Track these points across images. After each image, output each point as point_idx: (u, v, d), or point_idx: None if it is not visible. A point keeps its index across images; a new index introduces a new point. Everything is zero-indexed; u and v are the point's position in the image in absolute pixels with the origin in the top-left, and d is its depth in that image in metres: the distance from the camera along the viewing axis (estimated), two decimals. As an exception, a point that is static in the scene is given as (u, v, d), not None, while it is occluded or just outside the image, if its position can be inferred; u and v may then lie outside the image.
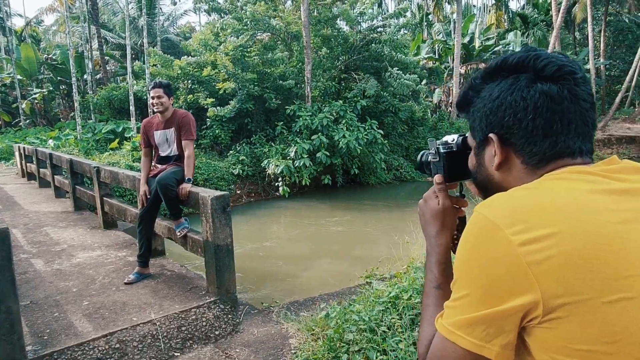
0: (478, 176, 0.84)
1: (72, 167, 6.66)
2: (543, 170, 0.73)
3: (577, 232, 0.60)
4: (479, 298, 0.64)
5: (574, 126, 0.72)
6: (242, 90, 14.23)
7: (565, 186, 0.67)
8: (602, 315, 0.58)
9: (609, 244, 0.60)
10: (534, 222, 0.62)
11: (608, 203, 0.64)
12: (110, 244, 5.09)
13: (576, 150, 0.73)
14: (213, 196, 3.40)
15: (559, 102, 0.71)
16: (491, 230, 0.64)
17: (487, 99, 0.77)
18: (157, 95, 3.84)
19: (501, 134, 0.76)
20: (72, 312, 3.27)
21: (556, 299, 0.59)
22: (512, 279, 0.61)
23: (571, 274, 0.59)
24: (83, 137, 15.66)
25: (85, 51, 23.67)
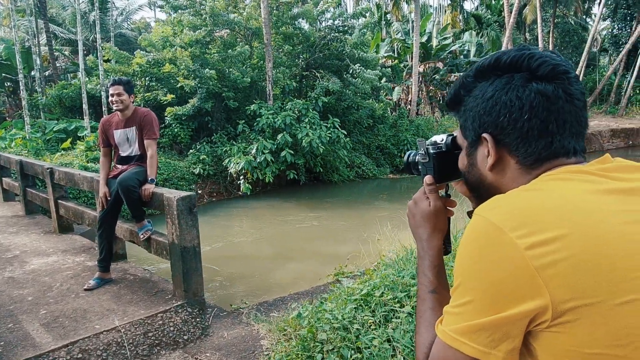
0: (469, 177, 0.83)
1: (22, 169, 6.30)
2: (538, 171, 0.73)
3: (583, 234, 0.59)
4: (484, 304, 0.62)
5: (568, 126, 0.72)
6: (202, 88, 13.94)
7: (567, 187, 0.66)
8: (612, 318, 0.57)
9: (616, 246, 0.59)
10: (539, 225, 0.61)
11: (611, 203, 0.63)
12: (66, 248, 4.85)
13: (570, 149, 0.73)
14: (179, 197, 3.30)
15: (555, 101, 0.70)
16: (495, 234, 0.62)
17: (481, 98, 0.76)
18: (116, 92, 3.68)
19: (495, 134, 0.74)
20: (29, 322, 3.08)
21: (566, 302, 0.58)
22: (520, 283, 0.60)
23: (580, 277, 0.58)
24: (32, 137, 14.87)
25: (33, 46, 22.46)
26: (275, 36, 15.66)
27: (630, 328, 0.57)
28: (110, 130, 3.78)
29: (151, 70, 14.90)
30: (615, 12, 25.60)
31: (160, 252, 3.65)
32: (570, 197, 0.64)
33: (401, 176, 17.50)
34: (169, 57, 14.97)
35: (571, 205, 0.62)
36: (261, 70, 15.26)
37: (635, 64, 22.73)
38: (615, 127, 21.18)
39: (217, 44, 15.52)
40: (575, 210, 0.62)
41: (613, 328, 0.57)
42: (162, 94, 14.66)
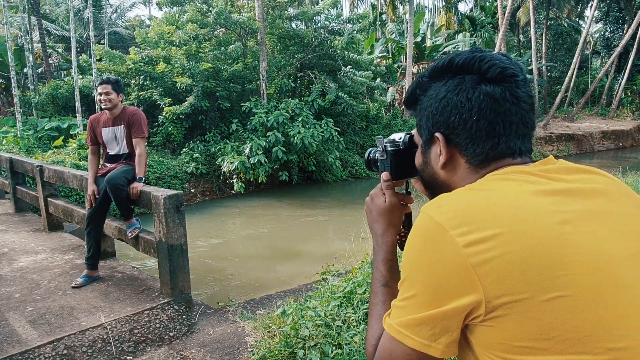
0: (424, 174, 0.85)
1: (12, 167, 6.30)
2: (485, 170, 0.75)
3: (518, 233, 0.62)
4: (426, 298, 0.65)
5: (514, 127, 0.74)
6: (197, 86, 13.93)
7: (508, 187, 0.68)
8: (539, 313, 0.60)
9: (548, 245, 0.61)
10: (478, 224, 0.63)
11: (547, 204, 0.65)
12: (55, 246, 4.87)
13: (516, 150, 0.75)
14: (166, 195, 3.34)
15: (502, 103, 0.72)
16: (437, 231, 0.65)
17: (434, 98, 0.78)
18: (105, 91, 3.70)
19: (447, 133, 0.77)
20: (15, 319, 3.11)
21: (497, 298, 0.61)
22: (457, 279, 0.63)
23: (512, 274, 0.60)
24: (24, 135, 14.81)
25: (26, 43, 22.34)
26: (270, 36, 15.69)
27: (554, 323, 0.60)
28: (99, 129, 3.80)
29: (145, 68, 14.88)
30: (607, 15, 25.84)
31: (148, 250, 3.68)
32: (509, 197, 0.66)
33: (394, 176, 17.57)
34: (162, 56, 14.95)
35: (509, 205, 0.65)
36: (256, 70, 15.27)
37: (626, 66, 22.94)
38: (605, 128, 21.37)
39: (212, 42, 15.52)
40: (512, 209, 0.64)
41: (539, 323, 0.60)
42: (157, 93, 14.63)
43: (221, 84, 14.51)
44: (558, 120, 23.44)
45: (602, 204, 0.68)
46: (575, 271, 0.61)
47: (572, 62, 22.60)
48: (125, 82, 15.48)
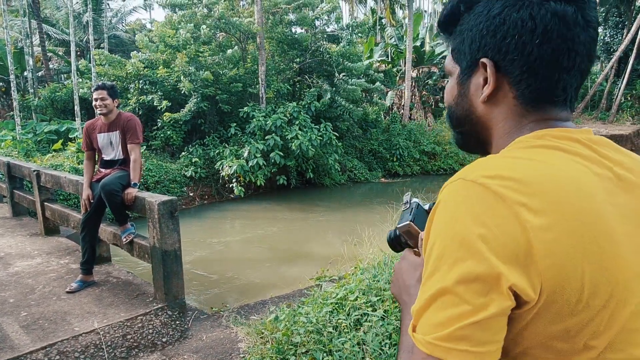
0: (457, 109, 0.72)
1: (10, 171, 6.31)
2: (532, 117, 0.65)
3: (580, 228, 0.54)
4: None
5: (579, 60, 0.63)
6: (197, 91, 13.98)
7: (564, 163, 0.59)
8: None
9: (603, 249, 0.55)
10: (545, 202, 0.54)
11: (602, 192, 0.58)
12: (51, 251, 4.88)
13: (570, 94, 0.65)
14: (160, 201, 3.35)
15: (572, 27, 0.61)
16: (495, 200, 0.54)
17: (485, 16, 0.64)
18: (100, 97, 3.72)
19: (497, 59, 0.64)
20: (8, 324, 3.11)
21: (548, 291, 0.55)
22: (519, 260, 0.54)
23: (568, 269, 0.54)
24: (23, 138, 14.84)
25: (26, 47, 22.41)
26: (270, 41, 15.74)
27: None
28: (94, 134, 3.82)
29: (145, 72, 14.92)
30: (607, 20, 25.90)
31: (142, 256, 3.68)
32: (568, 177, 0.57)
33: (393, 180, 17.59)
34: (163, 59, 15.00)
35: (569, 188, 0.56)
36: (255, 74, 15.32)
37: (625, 71, 22.99)
38: (605, 133, 21.39)
39: (212, 46, 15.57)
40: (572, 194, 0.55)
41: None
42: (157, 98, 14.67)
43: (221, 88, 14.55)
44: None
45: (636, 201, 0.61)
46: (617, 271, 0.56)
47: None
48: (125, 87, 15.53)
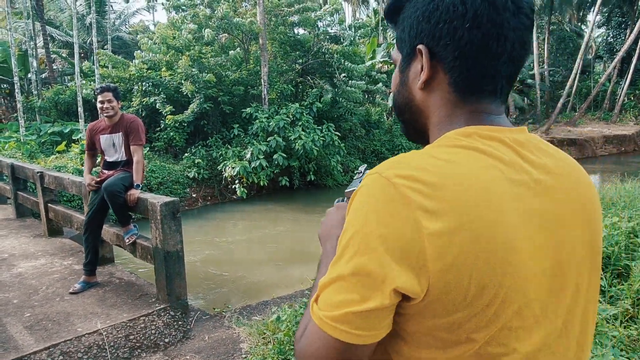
0: (399, 97, 0.74)
1: (14, 172, 6.35)
2: (465, 108, 0.66)
3: (479, 235, 0.55)
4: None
5: (509, 46, 0.62)
6: (199, 92, 14.02)
7: (479, 167, 0.59)
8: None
9: (499, 260, 0.56)
10: (445, 209, 0.55)
11: (513, 199, 0.59)
12: (54, 252, 4.90)
13: (500, 84, 0.65)
14: (162, 202, 3.36)
15: (501, 12, 0.61)
16: (399, 200, 0.55)
17: (421, 2, 0.65)
18: (107, 99, 3.74)
19: (431, 45, 0.65)
20: (12, 325, 3.13)
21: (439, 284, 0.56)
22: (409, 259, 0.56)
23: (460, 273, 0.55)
24: (27, 140, 14.91)
25: (30, 49, 22.53)
26: (272, 42, 15.78)
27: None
28: (97, 136, 3.84)
29: (148, 74, 14.97)
30: (610, 20, 25.83)
31: (145, 257, 3.70)
32: (479, 183, 0.57)
33: (395, 181, 17.58)
34: (166, 61, 15.05)
35: (478, 195, 0.56)
36: (257, 75, 15.35)
37: (628, 71, 22.92)
38: (608, 133, 21.32)
39: (215, 47, 15.61)
40: (481, 202, 0.56)
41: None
42: (160, 100, 14.71)
43: (224, 89, 14.59)
44: (560, 125, 23.41)
45: (550, 204, 0.62)
46: (514, 277, 0.57)
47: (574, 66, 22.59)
48: (128, 88, 15.59)
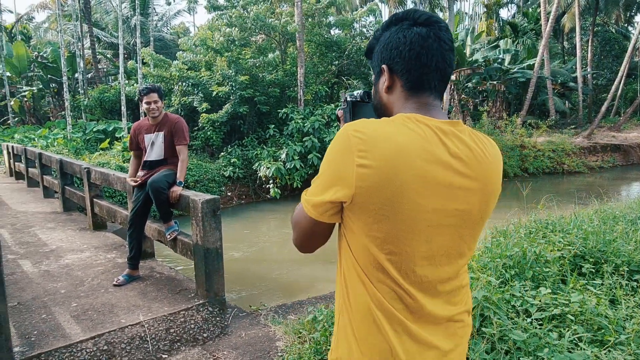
0: (375, 101, 1.12)
1: (62, 168, 6.65)
2: (412, 100, 1.03)
3: (389, 172, 0.91)
4: (325, 186, 0.98)
5: (435, 60, 1.01)
6: (235, 93, 14.26)
7: (407, 136, 0.94)
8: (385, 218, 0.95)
9: (400, 189, 0.92)
10: (373, 154, 0.91)
11: (422, 164, 0.93)
12: (99, 245, 5.10)
13: (433, 84, 1.03)
14: (204, 200, 3.44)
15: (426, 39, 1.00)
16: (347, 147, 0.93)
17: (383, 41, 1.06)
18: (153, 100, 3.85)
19: (389, 64, 1.04)
20: (60, 314, 3.28)
21: (359, 200, 0.95)
22: (346, 180, 0.94)
23: (372, 194, 0.93)
24: (73, 137, 15.55)
25: (77, 50, 23.50)
26: (309, 43, 15.88)
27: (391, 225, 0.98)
28: (141, 135, 3.97)
29: (188, 74, 15.35)
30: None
31: (185, 253, 3.80)
32: (402, 144, 0.92)
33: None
34: (205, 61, 15.39)
35: (400, 150, 0.92)
36: (293, 76, 15.48)
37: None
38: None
39: (252, 48, 15.84)
40: (399, 154, 0.92)
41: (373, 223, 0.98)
42: (197, 99, 15.05)
43: (260, 89, 14.78)
44: (603, 130, 22.51)
45: (452, 178, 0.96)
46: (406, 208, 0.94)
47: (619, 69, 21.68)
48: (169, 88, 16.03)
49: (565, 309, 2.68)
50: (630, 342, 2.41)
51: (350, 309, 1.04)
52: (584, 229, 4.10)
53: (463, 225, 1.01)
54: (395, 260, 0.98)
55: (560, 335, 2.49)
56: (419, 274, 1.00)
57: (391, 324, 1.00)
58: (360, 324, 1.02)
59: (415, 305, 1.00)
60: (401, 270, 0.99)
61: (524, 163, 19.35)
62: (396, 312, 1.00)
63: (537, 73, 22.22)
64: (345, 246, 1.05)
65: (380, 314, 1.00)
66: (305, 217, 1.03)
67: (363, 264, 1.01)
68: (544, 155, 19.70)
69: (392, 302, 1.00)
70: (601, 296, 2.94)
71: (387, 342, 0.99)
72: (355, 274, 1.03)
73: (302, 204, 1.03)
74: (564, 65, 27.17)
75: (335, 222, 1.03)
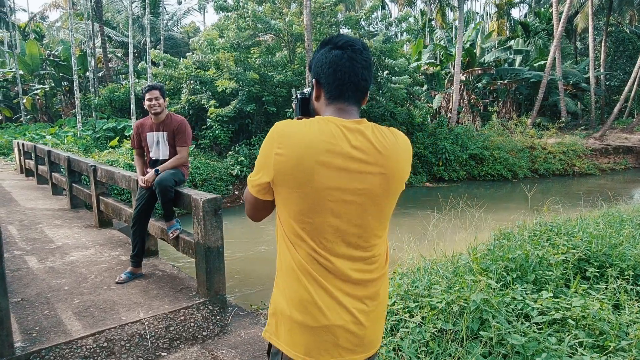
0: (312, 106, 1.39)
1: (70, 165, 6.71)
2: (332, 106, 1.29)
3: (298, 159, 1.18)
4: (257, 170, 1.28)
5: (347, 75, 1.26)
6: (242, 90, 14.29)
7: (316, 131, 1.20)
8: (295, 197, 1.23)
9: (309, 174, 1.18)
10: (287, 146, 1.18)
11: (324, 152, 1.18)
12: (104, 242, 5.14)
13: (346, 93, 1.28)
14: (205, 199, 3.45)
15: (340, 59, 1.26)
16: (272, 140, 1.21)
17: (315, 60, 1.33)
18: (154, 97, 3.88)
19: (317, 78, 1.32)
20: (62, 310, 3.31)
21: (278, 182, 1.23)
22: (267, 166, 1.23)
23: (286, 176, 1.20)
24: (83, 135, 15.70)
25: (88, 48, 23.73)
26: (317, 42, 15.86)
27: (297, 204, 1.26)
28: (144, 133, 3.99)
29: (196, 73, 15.42)
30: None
31: (186, 251, 3.81)
32: (311, 137, 1.19)
33: (438, 185, 17.25)
34: (213, 61, 15.44)
35: (307, 142, 1.18)
36: (302, 76, 15.48)
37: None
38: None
39: (261, 48, 15.87)
40: (307, 146, 1.18)
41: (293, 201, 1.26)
42: (205, 97, 15.12)
43: (267, 89, 14.80)
44: (616, 132, 22.23)
45: (352, 164, 1.21)
46: (312, 188, 1.20)
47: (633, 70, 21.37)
48: (178, 87, 16.12)
49: (567, 313, 2.64)
50: (632, 348, 2.37)
51: (281, 269, 1.31)
52: (589, 232, 4.05)
53: (367, 201, 1.24)
54: (308, 229, 1.23)
55: (560, 340, 2.46)
56: (330, 241, 1.24)
57: (308, 280, 1.24)
58: (287, 279, 1.28)
59: (332, 267, 1.24)
60: (314, 238, 1.23)
61: (533, 164, 19.19)
62: (313, 271, 1.24)
63: (549, 74, 22.00)
64: (277, 218, 1.31)
65: (299, 272, 1.25)
66: (249, 193, 1.33)
67: (287, 232, 1.27)
68: (555, 157, 19.52)
69: (310, 263, 1.24)
70: (604, 301, 2.89)
71: (307, 292, 1.24)
72: (283, 241, 1.30)
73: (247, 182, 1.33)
74: (576, 66, 26.86)
75: (268, 199, 1.30)
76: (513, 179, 18.39)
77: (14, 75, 24.78)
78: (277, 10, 16.57)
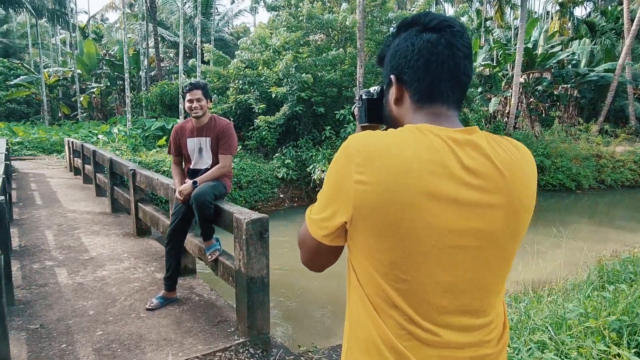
0: (387, 112, 1.02)
1: (112, 167, 6.41)
2: (423, 111, 0.92)
3: (389, 193, 0.81)
4: (323, 204, 0.91)
5: (446, 67, 0.90)
6: (292, 95, 13.85)
7: (412, 147, 0.82)
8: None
9: (402, 211, 0.81)
10: (371, 169, 0.82)
11: (426, 178, 0.81)
12: (140, 254, 4.73)
13: (446, 93, 0.91)
14: (249, 219, 2.89)
15: (437, 47, 0.89)
16: (347, 160, 0.84)
17: (391, 49, 0.97)
18: (196, 97, 3.38)
19: (397, 74, 0.95)
20: (82, 345, 2.85)
21: (359, 221, 0.85)
22: (344, 199, 0.85)
23: (370, 215, 0.83)
24: (132, 133, 15.78)
25: (142, 48, 24.17)
26: (369, 42, 15.21)
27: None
28: (184, 139, 3.49)
29: (245, 72, 15.12)
30: None
31: (226, 278, 3.29)
32: (405, 157, 0.81)
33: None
34: (263, 59, 15.12)
35: (399, 165, 0.81)
36: (352, 76, 14.86)
37: None
38: None
39: (311, 48, 15.40)
40: (399, 170, 0.81)
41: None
42: (253, 97, 14.80)
43: (317, 90, 14.30)
44: (696, 140, 20.16)
45: (467, 193, 0.83)
46: (412, 230, 0.82)
47: None
48: (226, 86, 15.91)
49: None
50: None
51: (357, 339, 0.92)
52: None
53: (486, 245, 0.86)
54: (405, 289, 0.85)
55: None
56: (436, 305, 0.86)
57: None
58: (365, 358, 0.90)
59: (438, 342, 0.86)
60: (412, 303, 0.86)
61: (600, 174, 17.71)
62: (405, 350, 0.86)
63: (619, 76, 20.28)
64: (351, 272, 0.94)
65: (386, 351, 0.87)
66: (310, 236, 0.94)
67: (370, 293, 0.89)
68: (624, 167, 17.95)
69: (402, 339, 0.86)
70: None
71: None
72: (360, 302, 0.91)
73: (306, 222, 0.95)
74: (650, 69, 24.68)
75: (339, 244, 0.93)
76: (577, 190, 17.00)
77: (73, 74, 25.63)
78: (327, 10, 16.05)
